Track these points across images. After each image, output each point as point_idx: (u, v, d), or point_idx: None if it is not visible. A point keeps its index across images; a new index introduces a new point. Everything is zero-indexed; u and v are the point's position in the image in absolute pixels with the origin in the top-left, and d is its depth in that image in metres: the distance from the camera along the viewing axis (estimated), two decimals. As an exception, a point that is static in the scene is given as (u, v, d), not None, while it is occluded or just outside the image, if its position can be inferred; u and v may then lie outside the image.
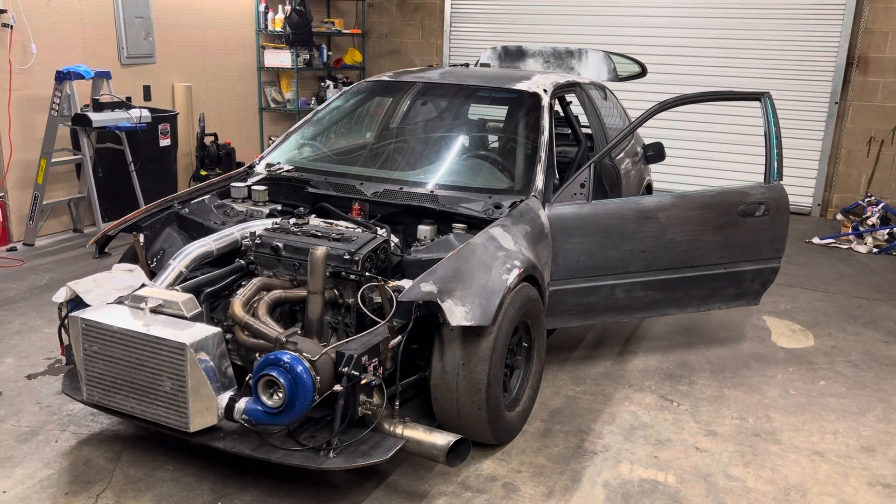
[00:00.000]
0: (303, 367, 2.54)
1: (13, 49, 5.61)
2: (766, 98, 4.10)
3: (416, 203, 3.55)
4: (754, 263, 4.01)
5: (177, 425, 2.64)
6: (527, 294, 3.14)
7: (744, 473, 3.06)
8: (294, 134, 4.36)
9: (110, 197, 6.17)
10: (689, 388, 3.82)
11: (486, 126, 5.03)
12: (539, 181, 3.64)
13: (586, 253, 3.65)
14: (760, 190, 3.94)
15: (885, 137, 7.57)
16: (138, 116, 5.80)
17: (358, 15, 9.67)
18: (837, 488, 2.99)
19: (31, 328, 4.22)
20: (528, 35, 8.69)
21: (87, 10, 6.21)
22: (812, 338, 4.55)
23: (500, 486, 2.90)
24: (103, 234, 3.60)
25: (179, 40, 7.24)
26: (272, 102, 8.66)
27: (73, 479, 2.84)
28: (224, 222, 3.53)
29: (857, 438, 3.38)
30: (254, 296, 2.99)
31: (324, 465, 2.58)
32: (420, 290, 2.80)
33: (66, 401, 3.39)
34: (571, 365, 4.02)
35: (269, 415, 2.57)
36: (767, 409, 3.62)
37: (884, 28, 7.38)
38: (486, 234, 3.17)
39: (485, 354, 2.88)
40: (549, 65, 5.66)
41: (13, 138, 5.69)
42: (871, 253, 6.52)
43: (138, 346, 2.64)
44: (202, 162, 7.22)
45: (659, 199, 3.78)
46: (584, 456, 3.14)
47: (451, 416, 2.98)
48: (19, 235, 5.86)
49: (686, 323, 4.71)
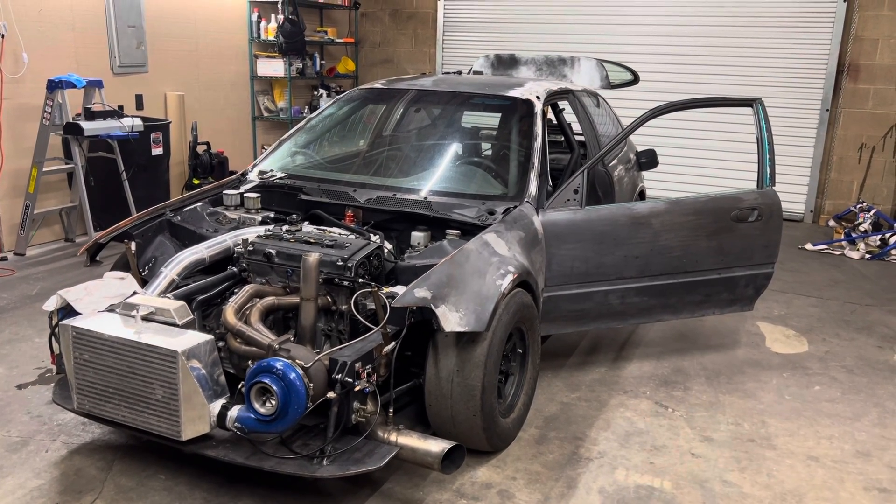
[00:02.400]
0: (296, 374, 2.52)
1: (4, 58, 5.59)
2: (757, 104, 4.11)
3: (409, 209, 3.54)
4: (748, 269, 4.01)
5: (169, 434, 2.61)
6: (521, 300, 3.12)
7: (740, 479, 3.05)
8: (287, 142, 4.35)
9: (102, 206, 6.14)
10: (684, 394, 3.81)
11: (479, 134, 5.03)
12: (532, 187, 3.63)
13: (580, 259, 3.65)
14: (753, 195, 3.94)
15: (876, 144, 7.61)
16: (130, 125, 5.79)
17: (351, 24, 9.69)
18: (833, 493, 2.98)
19: (22, 338, 4.19)
20: (521, 44, 8.72)
21: (79, 20, 6.20)
22: (806, 343, 4.55)
23: (496, 493, 2.88)
24: (94, 242, 3.58)
25: (172, 49, 7.23)
26: (265, 111, 8.65)
27: (64, 488, 2.81)
28: (216, 230, 3.51)
29: (852, 443, 3.38)
30: (246, 303, 2.97)
31: (317, 472, 2.56)
32: (414, 295, 2.79)
33: (57, 410, 3.36)
34: (566, 372, 4.01)
35: (262, 422, 2.55)
36: (763, 415, 3.61)
37: (873, 35, 7.44)
38: (480, 240, 3.16)
39: (479, 360, 2.87)
40: (542, 72, 5.68)
41: (4, 147, 5.66)
42: (863, 259, 6.53)
43: (129, 353, 2.62)
44: (195, 171, 7.19)
45: (652, 205, 3.78)
46: (580, 462, 3.12)
47: (446, 423, 2.96)
48: (10, 245, 5.82)
49: (680, 329, 4.71)
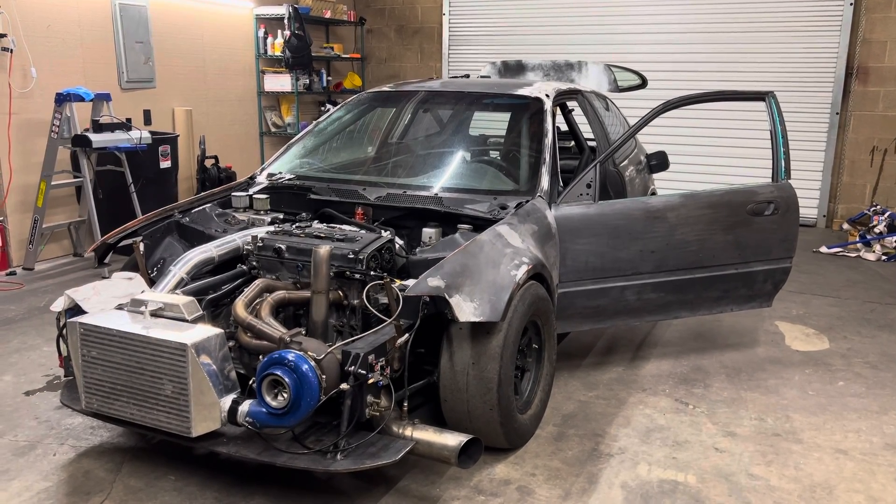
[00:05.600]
0: (308, 366, 2.46)
1: (13, 73, 5.60)
2: (770, 97, 4.06)
3: (420, 205, 3.49)
4: (766, 264, 3.93)
5: (178, 430, 2.54)
6: (536, 292, 3.05)
7: (766, 472, 2.95)
8: (295, 145, 4.32)
9: (110, 219, 6.09)
10: (705, 391, 3.72)
11: (486, 141, 4.99)
12: (545, 182, 3.58)
13: (595, 254, 3.58)
14: (769, 189, 3.88)
15: (888, 146, 7.54)
16: (138, 137, 5.78)
17: (357, 40, 9.73)
18: (864, 485, 2.88)
19: (30, 346, 4.14)
20: (526, 56, 8.70)
21: (87, 35, 6.22)
22: (827, 341, 4.45)
23: (515, 489, 2.79)
24: (103, 243, 3.55)
25: (179, 65, 7.25)
26: (272, 126, 8.66)
27: (72, 490, 2.74)
28: (225, 230, 3.47)
29: (881, 436, 3.28)
30: (256, 297, 2.91)
31: (331, 467, 2.49)
32: (427, 284, 2.72)
33: (65, 415, 3.30)
34: (583, 371, 3.93)
35: (274, 416, 2.48)
36: (787, 410, 3.51)
37: (882, 38, 7.40)
38: (493, 232, 3.11)
39: (495, 352, 2.80)
40: (549, 77, 5.65)
41: (13, 162, 5.66)
42: (879, 260, 6.43)
43: (138, 349, 2.56)
44: (203, 185, 7.17)
45: (667, 199, 3.72)
46: (600, 458, 3.03)
47: (462, 419, 2.88)
48: (19, 260, 5.80)
49: (697, 329, 4.62)
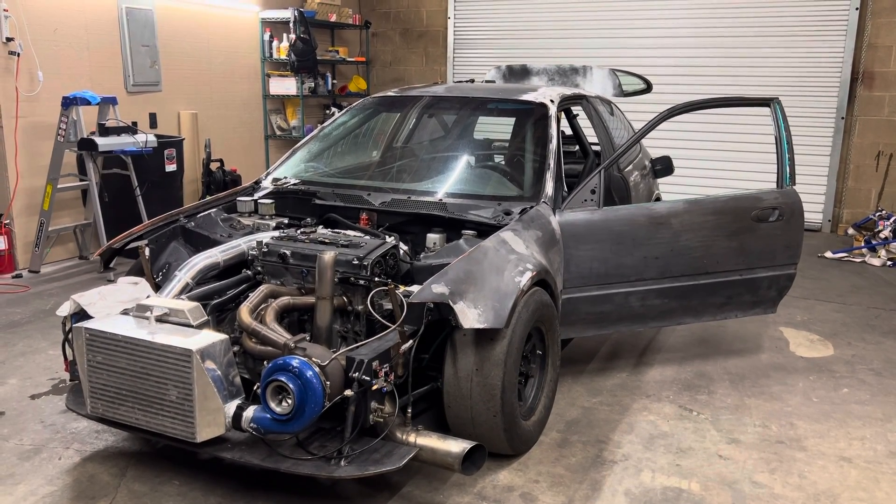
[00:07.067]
0: (312, 372, 2.47)
1: (20, 77, 5.63)
2: (775, 103, 4.05)
3: (424, 211, 3.49)
4: (770, 270, 3.92)
5: (183, 436, 2.56)
6: (540, 298, 3.06)
7: (770, 480, 2.95)
8: (300, 149, 4.33)
9: (116, 223, 6.11)
10: (709, 397, 3.72)
11: (491, 146, 5.00)
12: (549, 188, 3.58)
13: (599, 260, 3.58)
14: (774, 195, 3.88)
15: (893, 151, 7.52)
16: (144, 140, 5.80)
17: (362, 44, 9.75)
18: (868, 493, 2.88)
19: (36, 350, 4.16)
20: (531, 59, 8.71)
21: (93, 39, 6.25)
22: (831, 347, 4.44)
23: (518, 496, 2.80)
24: (108, 248, 3.57)
25: (185, 68, 7.27)
26: (278, 130, 8.67)
27: (77, 494, 2.75)
28: (230, 235, 3.48)
29: (885, 444, 3.27)
30: (261, 303, 2.92)
31: (335, 473, 2.49)
32: (432, 291, 2.73)
33: (70, 419, 3.31)
34: (586, 377, 3.92)
35: (278, 422, 2.49)
36: (790, 417, 3.51)
37: (887, 43, 7.38)
38: (498, 238, 3.11)
39: (499, 359, 2.80)
40: (554, 82, 5.65)
41: (20, 165, 5.68)
42: (885, 266, 6.42)
43: (143, 354, 2.57)
44: (208, 188, 7.19)
45: (671, 205, 3.72)
46: (604, 465, 3.03)
47: (466, 425, 2.88)
48: (25, 262, 5.82)
49: (701, 335, 4.61)
